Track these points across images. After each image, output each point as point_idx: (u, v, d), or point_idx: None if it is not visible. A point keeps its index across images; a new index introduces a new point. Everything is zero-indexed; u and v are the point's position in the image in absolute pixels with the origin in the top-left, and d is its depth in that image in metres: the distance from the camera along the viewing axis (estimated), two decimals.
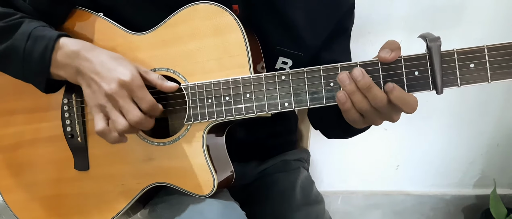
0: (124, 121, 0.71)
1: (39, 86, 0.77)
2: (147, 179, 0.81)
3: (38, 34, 0.74)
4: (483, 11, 1.31)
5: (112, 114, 0.71)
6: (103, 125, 0.72)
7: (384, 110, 0.66)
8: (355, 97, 0.65)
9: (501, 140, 1.52)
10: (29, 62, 0.74)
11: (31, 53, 0.74)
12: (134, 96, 0.71)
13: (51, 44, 0.73)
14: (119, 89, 0.70)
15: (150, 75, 0.75)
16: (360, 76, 0.64)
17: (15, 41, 0.74)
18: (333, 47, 0.89)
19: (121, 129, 0.71)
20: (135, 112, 0.70)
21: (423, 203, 1.64)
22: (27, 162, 0.87)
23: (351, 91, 0.65)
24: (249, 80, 0.72)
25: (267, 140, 1.01)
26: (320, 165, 1.58)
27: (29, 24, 0.75)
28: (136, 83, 0.71)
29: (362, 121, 0.70)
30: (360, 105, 0.66)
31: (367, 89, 0.64)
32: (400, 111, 0.67)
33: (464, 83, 0.62)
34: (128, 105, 0.70)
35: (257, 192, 1.00)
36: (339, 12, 0.87)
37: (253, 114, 0.73)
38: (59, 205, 0.86)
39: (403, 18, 1.34)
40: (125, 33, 0.81)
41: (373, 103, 0.65)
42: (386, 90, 0.64)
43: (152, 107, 0.72)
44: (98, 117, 0.72)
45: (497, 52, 0.60)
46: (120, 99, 0.70)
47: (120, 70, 0.71)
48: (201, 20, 0.76)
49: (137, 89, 0.71)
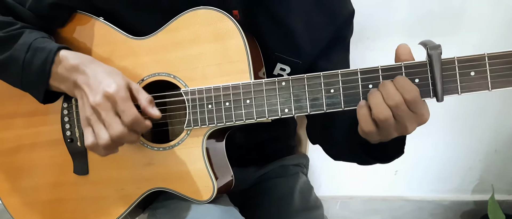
0: (106, 135, 0.68)
1: (38, 97, 0.77)
2: (146, 184, 0.81)
3: (38, 46, 0.74)
4: (481, 18, 1.32)
5: (96, 127, 0.69)
6: (91, 139, 0.70)
7: (400, 111, 0.62)
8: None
9: (499, 145, 1.53)
10: (28, 74, 0.74)
11: (30, 65, 0.73)
12: (117, 108, 0.68)
13: (51, 57, 0.72)
14: (103, 101, 0.68)
15: (139, 95, 0.72)
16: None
17: (14, 52, 0.74)
18: (331, 56, 0.88)
19: (103, 143, 0.68)
20: (116, 126, 0.67)
21: (422, 209, 1.64)
22: (26, 166, 0.87)
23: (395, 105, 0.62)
24: (249, 86, 0.72)
25: (266, 145, 1.01)
26: (318, 170, 1.58)
27: (29, 35, 0.75)
28: (119, 95, 0.68)
29: (377, 132, 0.65)
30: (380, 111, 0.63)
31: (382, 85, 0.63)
32: (412, 110, 0.63)
33: (465, 91, 0.62)
34: (110, 118, 0.68)
35: (256, 197, 1.00)
36: (338, 21, 0.87)
37: (253, 120, 0.73)
38: (58, 210, 0.86)
39: (401, 24, 1.34)
40: (126, 37, 0.81)
41: (387, 101, 0.62)
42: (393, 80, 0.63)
43: (134, 121, 0.68)
44: (87, 130, 0.70)
45: (497, 60, 0.61)
46: (103, 111, 0.68)
47: (106, 82, 0.69)
48: (202, 26, 0.76)
49: (120, 101, 0.68)
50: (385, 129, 0.64)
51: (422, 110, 0.63)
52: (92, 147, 0.70)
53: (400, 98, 0.61)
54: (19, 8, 0.79)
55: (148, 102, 0.71)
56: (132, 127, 0.69)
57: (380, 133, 0.65)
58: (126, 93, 0.69)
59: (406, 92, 0.61)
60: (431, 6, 1.31)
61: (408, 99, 0.61)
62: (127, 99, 0.69)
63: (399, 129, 0.64)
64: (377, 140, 0.68)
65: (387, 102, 0.62)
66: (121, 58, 0.80)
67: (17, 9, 0.79)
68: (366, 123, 0.65)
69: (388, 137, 0.66)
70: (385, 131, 0.65)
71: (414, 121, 0.63)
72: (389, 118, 0.62)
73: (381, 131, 0.65)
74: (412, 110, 0.62)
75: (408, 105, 0.62)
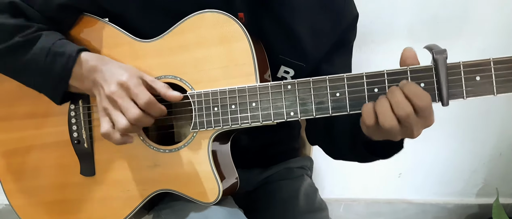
0: (124, 120, 0.72)
1: (55, 99, 0.79)
2: (152, 185, 0.81)
3: (57, 50, 0.76)
4: (485, 22, 1.32)
5: (114, 114, 0.73)
6: (107, 126, 0.74)
7: (406, 116, 0.61)
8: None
9: (504, 149, 1.53)
10: (48, 79, 0.77)
11: (51, 70, 0.76)
12: (131, 94, 0.72)
13: (71, 61, 0.75)
14: (118, 89, 0.72)
15: (156, 84, 0.75)
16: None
17: (34, 56, 0.76)
18: (334, 60, 0.89)
19: (121, 127, 0.72)
20: (133, 110, 0.71)
21: (426, 212, 1.64)
22: (33, 167, 0.88)
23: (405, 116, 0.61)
24: (255, 89, 0.73)
25: (270, 147, 1.01)
26: (322, 172, 1.58)
27: (47, 38, 0.77)
28: (132, 82, 0.72)
29: (380, 132, 0.65)
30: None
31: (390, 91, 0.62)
32: (420, 117, 0.63)
33: (470, 96, 0.62)
34: (126, 103, 0.72)
35: (260, 199, 1.00)
36: (343, 25, 0.87)
37: (259, 123, 0.73)
38: (65, 210, 0.87)
39: (406, 28, 1.34)
40: (132, 40, 0.81)
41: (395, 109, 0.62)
42: (400, 86, 0.62)
43: (148, 103, 0.72)
44: (103, 120, 0.74)
45: (503, 65, 0.61)
46: (119, 99, 0.72)
47: (119, 72, 0.73)
48: (208, 29, 0.76)
49: (133, 86, 0.72)
50: (390, 134, 0.64)
51: (430, 114, 0.63)
52: (107, 134, 0.74)
53: (410, 109, 0.60)
54: (29, 10, 0.79)
55: (166, 88, 0.75)
56: (147, 108, 0.73)
57: (384, 136, 0.66)
58: (138, 80, 0.73)
59: (419, 99, 0.60)
60: (435, 9, 1.31)
61: (420, 106, 0.60)
62: (139, 84, 0.73)
63: (405, 134, 0.64)
64: (380, 138, 0.67)
65: (396, 111, 0.61)
66: (128, 60, 0.81)
67: (27, 11, 0.79)
68: (368, 130, 0.65)
69: (393, 139, 0.66)
70: (389, 136, 0.65)
71: (421, 126, 0.63)
72: (395, 127, 0.61)
73: (385, 135, 0.65)
74: (420, 116, 0.61)
75: (417, 113, 0.61)
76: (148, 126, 0.75)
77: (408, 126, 0.62)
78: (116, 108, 0.73)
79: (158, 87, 0.75)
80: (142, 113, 0.72)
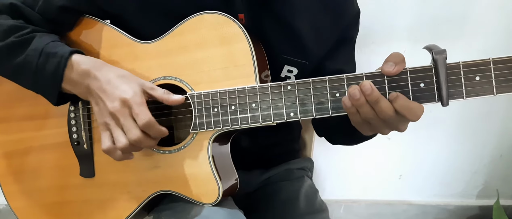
0: (125, 139, 0.72)
1: (51, 100, 0.79)
2: (152, 186, 0.81)
3: (50, 51, 0.75)
4: (485, 23, 1.32)
5: (115, 132, 0.73)
6: (108, 143, 0.73)
7: (391, 120, 0.66)
8: (363, 109, 0.66)
9: (504, 150, 1.52)
10: (41, 79, 0.76)
11: (43, 71, 0.75)
12: (133, 113, 0.71)
13: (63, 62, 0.74)
14: (121, 107, 0.71)
15: (156, 92, 0.75)
16: (369, 90, 0.64)
17: (27, 57, 0.76)
18: (337, 56, 0.89)
19: (121, 147, 0.72)
20: (134, 131, 0.71)
21: (426, 213, 1.64)
22: (32, 168, 0.88)
23: (359, 104, 0.66)
24: (255, 90, 0.73)
25: (270, 148, 1.01)
26: (323, 173, 1.58)
27: (40, 39, 0.77)
28: (135, 100, 0.71)
29: (369, 128, 0.70)
30: (367, 115, 0.67)
31: (375, 102, 0.65)
32: (406, 121, 0.67)
33: (470, 96, 0.63)
34: (128, 123, 0.71)
35: (261, 200, 1.00)
36: (344, 21, 0.87)
37: (259, 123, 0.73)
38: (64, 212, 0.87)
39: (406, 28, 1.34)
40: (132, 41, 0.81)
41: (380, 115, 0.66)
42: (390, 99, 0.65)
43: (148, 124, 0.71)
44: (104, 135, 0.74)
45: (502, 65, 0.61)
46: (121, 117, 0.71)
47: (123, 88, 0.72)
48: (208, 30, 0.76)
49: (135, 105, 0.71)
50: (376, 127, 0.69)
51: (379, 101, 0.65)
52: (109, 151, 0.74)
53: (363, 99, 0.65)
54: (29, 12, 0.80)
55: (166, 94, 0.75)
56: (146, 129, 0.72)
57: (372, 130, 0.71)
58: (141, 99, 0.72)
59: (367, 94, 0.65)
60: (436, 10, 1.31)
61: (369, 100, 0.65)
62: (141, 103, 0.72)
63: (390, 127, 0.69)
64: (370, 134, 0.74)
65: (358, 109, 0.67)
66: (128, 62, 0.81)
67: (27, 12, 0.80)
68: (350, 115, 0.70)
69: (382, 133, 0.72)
70: (376, 129, 0.70)
71: (400, 122, 0.68)
72: (373, 118, 0.67)
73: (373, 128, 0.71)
74: (373, 106, 0.66)
75: (371, 104, 0.66)
76: (149, 148, 0.75)
77: (385, 120, 0.67)
78: (117, 125, 0.72)
79: (158, 95, 0.75)
80: (142, 135, 0.72)
